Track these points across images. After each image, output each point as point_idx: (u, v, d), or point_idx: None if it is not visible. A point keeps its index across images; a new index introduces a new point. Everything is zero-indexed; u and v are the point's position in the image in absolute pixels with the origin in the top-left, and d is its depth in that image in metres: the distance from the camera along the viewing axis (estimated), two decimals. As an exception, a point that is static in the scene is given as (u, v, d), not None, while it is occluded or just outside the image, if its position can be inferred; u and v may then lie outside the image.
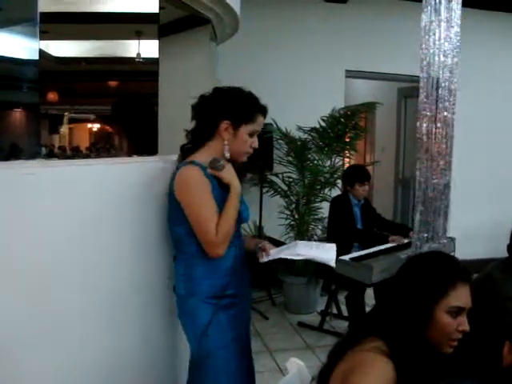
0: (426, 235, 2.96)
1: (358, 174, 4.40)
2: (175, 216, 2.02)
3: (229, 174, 1.99)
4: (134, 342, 2.10)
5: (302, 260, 2.06)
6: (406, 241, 4.01)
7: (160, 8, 2.26)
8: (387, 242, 4.13)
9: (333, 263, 2.11)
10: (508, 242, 2.31)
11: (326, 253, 2.18)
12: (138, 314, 2.11)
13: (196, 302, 2.02)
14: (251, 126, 2.04)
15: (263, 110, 2.08)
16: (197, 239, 1.97)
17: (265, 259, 2.11)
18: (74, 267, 1.79)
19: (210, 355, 2.01)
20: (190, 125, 2.10)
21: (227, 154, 2.03)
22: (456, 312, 1.48)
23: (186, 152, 2.09)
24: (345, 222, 4.33)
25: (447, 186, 2.99)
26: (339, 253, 3.89)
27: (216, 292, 2.01)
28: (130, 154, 2.28)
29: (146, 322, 2.15)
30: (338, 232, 4.31)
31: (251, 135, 2.05)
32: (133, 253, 2.06)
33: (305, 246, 2.23)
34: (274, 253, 2.14)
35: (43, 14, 1.82)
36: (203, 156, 2.01)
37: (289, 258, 2.08)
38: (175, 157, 2.14)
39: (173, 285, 2.13)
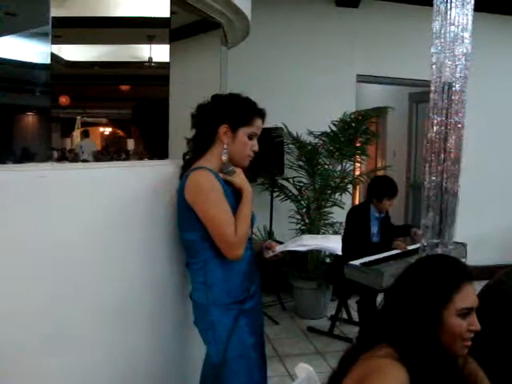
0: (435, 241, 2.93)
1: (388, 188, 4.21)
2: (187, 222, 2.01)
3: (240, 179, 2.02)
4: (144, 347, 2.10)
5: (308, 251, 2.09)
6: (409, 248, 4.01)
7: (171, 13, 2.27)
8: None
9: (339, 251, 2.14)
10: None
11: (331, 242, 2.21)
12: (149, 319, 2.11)
13: (219, 309, 2.00)
14: (249, 129, 2.05)
15: (261, 114, 2.10)
16: (211, 244, 1.97)
17: (270, 253, 2.16)
18: (84, 270, 1.80)
19: (230, 364, 2.00)
20: (191, 133, 2.13)
21: (224, 157, 2.04)
22: (465, 313, 1.47)
23: (188, 160, 2.10)
24: (360, 234, 4.25)
25: (456, 190, 2.97)
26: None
27: (237, 296, 2.02)
28: (140, 158, 2.29)
29: (157, 327, 2.15)
30: (352, 243, 4.24)
31: (250, 138, 2.07)
32: (143, 257, 2.06)
33: (310, 238, 2.26)
34: (280, 248, 2.17)
35: (56, 19, 1.83)
36: (209, 162, 2.02)
37: (295, 249, 2.11)
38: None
39: (189, 291, 2.12)
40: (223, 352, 1.99)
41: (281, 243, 2.31)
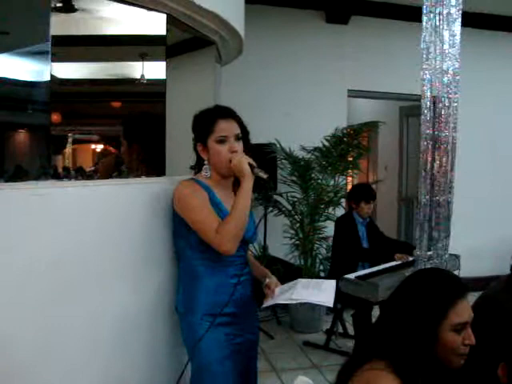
0: (429, 253, 2.95)
1: (364, 193, 4.44)
2: (176, 229, 2.10)
3: (239, 164, 2.01)
4: (141, 368, 2.09)
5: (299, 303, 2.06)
6: (411, 258, 4.01)
7: (166, 30, 2.31)
8: (393, 260, 4.14)
9: (330, 304, 2.11)
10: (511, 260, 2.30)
11: (323, 293, 2.16)
12: (145, 338, 2.10)
13: (193, 318, 2.05)
14: (214, 135, 2.05)
15: (219, 115, 2.09)
16: (198, 253, 2.04)
17: (269, 303, 2.14)
18: (82, 288, 1.80)
19: (205, 370, 2.03)
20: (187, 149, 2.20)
21: (205, 173, 2.09)
22: (460, 328, 1.49)
23: None
24: (350, 241, 4.33)
25: (449, 203, 3.00)
26: (344, 272, 3.93)
27: (212, 310, 2.03)
28: (138, 176, 2.30)
29: (153, 346, 2.15)
30: (343, 252, 4.32)
31: (221, 142, 2.05)
32: (140, 276, 2.06)
33: (303, 287, 2.19)
34: (277, 294, 2.15)
35: (54, 37, 1.85)
36: (202, 176, 2.11)
37: (286, 303, 2.11)
38: (182, 178, 2.16)
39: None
40: (193, 359, 2.05)
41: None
